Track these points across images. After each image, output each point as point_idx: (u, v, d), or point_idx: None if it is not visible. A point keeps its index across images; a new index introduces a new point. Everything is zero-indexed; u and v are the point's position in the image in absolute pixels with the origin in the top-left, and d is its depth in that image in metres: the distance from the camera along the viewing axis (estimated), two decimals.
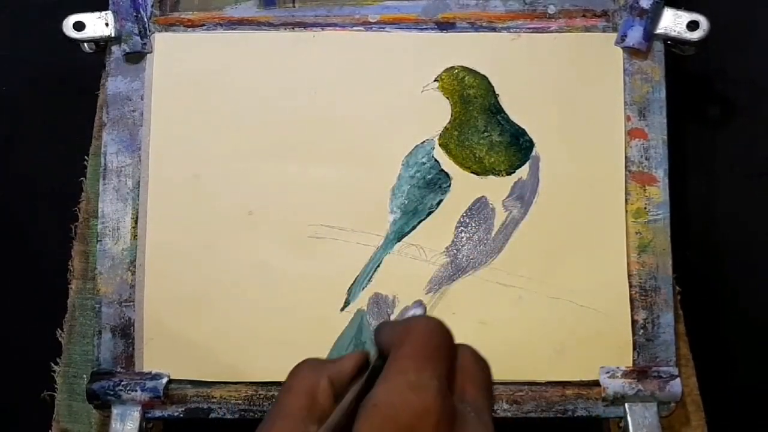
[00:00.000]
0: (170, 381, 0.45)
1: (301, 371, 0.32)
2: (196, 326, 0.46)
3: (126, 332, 0.46)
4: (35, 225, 0.54)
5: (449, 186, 0.46)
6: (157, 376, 0.45)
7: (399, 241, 0.46)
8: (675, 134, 0.47)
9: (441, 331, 0.31)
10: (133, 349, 0.45)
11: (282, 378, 0.45)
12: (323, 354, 0.45)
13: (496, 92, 0.47)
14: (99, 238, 0.46)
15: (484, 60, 0.47)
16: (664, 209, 0.46)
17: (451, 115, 0.47)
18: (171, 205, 0.46)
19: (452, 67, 0.47)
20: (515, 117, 0.47)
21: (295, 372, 0.33)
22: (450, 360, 0.31)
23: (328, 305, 0.46)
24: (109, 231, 0.46)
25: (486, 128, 0.47)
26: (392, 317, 0.45)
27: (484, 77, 0.47)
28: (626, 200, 0.46)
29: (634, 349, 0.45)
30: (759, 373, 0.51)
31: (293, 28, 0.48)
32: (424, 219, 0.46)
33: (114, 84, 0.47)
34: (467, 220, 0.46)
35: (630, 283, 0.45)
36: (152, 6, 0.48)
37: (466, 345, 0.33)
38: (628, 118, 0.46)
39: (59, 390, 0.48)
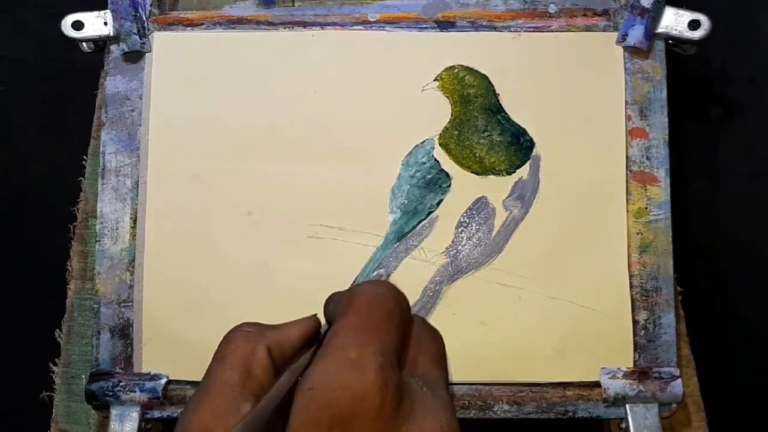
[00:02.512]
0: (169, 381, 0.45)
1: (235, 339, 0.29)
2: (196, 327, 0.45)
3: (125, 333, 0.45)
4: (34, 225, 0.53)
5: (449, 186, 0.46)
6: (156, 377, 0.45)
7: (399, 241, 0.46)
8: (676, 134, 0.47)
9: (391, 297, 0.28)
10: (132, 349, 0.45)
11: None
12: None
13: (497, 91, 0.47)
14: (98, 238, 0.46)
15: (484, 59, 0.47)
16: (666, 209, 0.46)
17: (451, 115, 0.47)
18: (170, 205, 0.46)
19: (452, 67, 0.47)
20: (516, 116, 0.46)
21: (228, 339, 0.29)
22: (402, 330, 0.27)
23: None
24: (108, 231, 0.46)
25: (486, 128, 0.46)
26: None
27: (484, 76, 0.47)
28: (627, 200, 0.46)
29: (635, 349, 0.45)
30: (760, 373, 0.51)
31: (292, 27, 0.48)
32: (424, 219, 0.46)
33: (113, 83, 0.47)
34: (467, 220, 0.46)
35: (631, 283, 0.45)
36: (151, 5, 0.47)
37: (416, 315, 0.29)
38: (629, 118, 0.46)
39: (58, 390, 0.48)
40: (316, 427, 0.24)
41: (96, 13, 0.47)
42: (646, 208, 0.46)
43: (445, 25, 0.47)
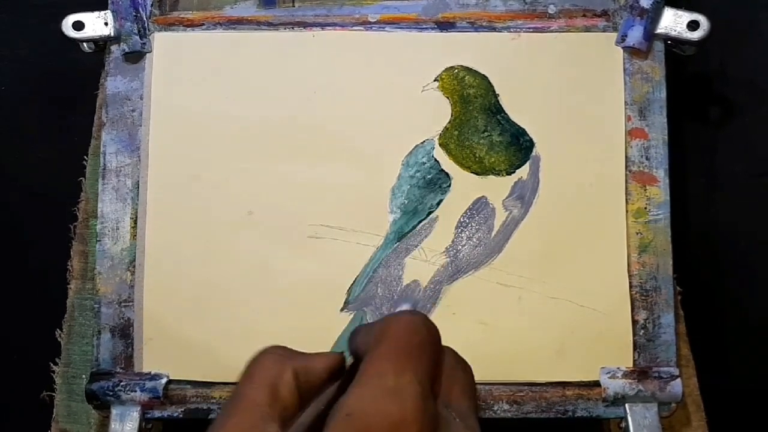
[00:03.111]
0: (169, 381, 0.45)
1: (265, 360, 0.29)
2: (196, 326, 0.45)
3: (125, 332, 0.45)
4: (34, 225, 0.53)
5: (449, 186, 0.46)
6: (156, 377, 0.45)
7: (399, 241, 0.46)
8: (675, 134, 0.47)
9: (424, 327, 0.28)
10: (133, 349, 0.45)
11: None
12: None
13: (496, 92, 0.47)
14: (98, 238, 0.46)
15: (484, 60, 0.47)
16: (665, 209, 0.46)
17: (451, 115, 0.47)
18: (170, 206, 0.46)
19: (452, 67, 0.47)
20: (515, 117, 0.46)
21: (257, 360, 0.29)
22: (435, 360, 0.28)
23: (328, 305, 0.45)
24: (109, 231, 0.46)
25: (486, 128, 0.46)
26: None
27: (484, 77, 0.47)
28: (627, 200, 0.46)
29: (635, 349, 0.45)
30: (760, 373, 0.51)
31: (293, 28, 0.48)
32: (424, 219, 0.46)
33: (113, 84, 0.47)
34: (467, 220, 0.46)
35: (630, 283, 0.45)
36: (151, 5, 0.47)
37: (447, 346, 0.29)
38: (628, 118, 0.46)
39: (58, 390, 0.48)
40: None
41: (96, 13, 0.47)
42: (646, 208, 0.46)
43: (445, 25, 0.47)
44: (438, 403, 0.27)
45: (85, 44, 0.48)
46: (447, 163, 0.46)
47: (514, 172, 0.46)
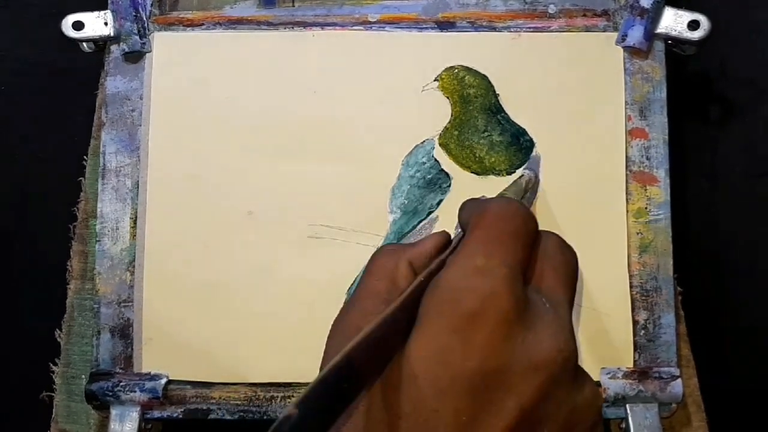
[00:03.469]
0: (169, 381, 0.45)
1: (381, 256, 0.32)
2: (196, 327, 0.45)
3: (125, 333, 0.45)
4: (34, 225, 0.53)
5: (449, 186, 0.46)
6: (156, 377, 0.45)
7: (399, 241, 0.46)
8: (676, 134, 0.47)
9: (519, 216, 0.29)
10: (132, 349, 0.45)
11: (281, 379, 0.45)
12: (321, 354, 0.45)
13: (497, 92, 0.47)
14: (98, 239, 0.46)
15: (484, 59, 0.47)
16: (665, 209, 0.46)
17: (451, 115, 0.47)
18: (170, 205, 0.46)
19: (452, 67, 0.47)
20: (515, 117, 0.46)
21: (374, 257, 0.32)
22: (528, 248, 0.29)
23: (328, 305, 0.45)
24: (108, 231, 0.46)
25: (486, 128, 0.46)
26: None
27: (484, 77, 0.47)
28: (627, 200, 0.46)
29: (635, 349, 0.45)
30: (760, 373, 0.51)
31: (292, 28, 0.48)
32: (424, 219, 0.46)
33: (113, 83, 0.47)
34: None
35: (631, 283, 0.45)
36: (151, 5, 0.47)
37: (553, 233, 0.31)
38: (628, 118, 0.46)
39: (58, 390, 0.48)
40: (441, 320, 0.26)
41: (96, 13, 0.47)
42: (646, 208, 0.46)
43: (445, 25, 0.47)
44: (529, 288, 0.28)
45: (85, 44, 0.48)
46: (447, 163, 0.46)
47: (514, 172, 0.46)
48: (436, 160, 0.46)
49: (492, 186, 0.46)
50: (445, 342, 0.26)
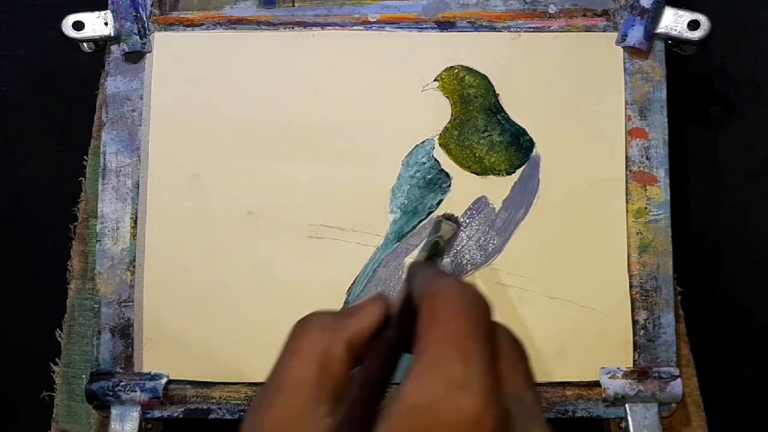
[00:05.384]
0: (170, 381, 0.45)
1: (311, 330, 0.26)
2: (196, 326, 0.45)
3: (125, 332, 0.45)
4: (34, 225, 0.53)
5: (449, 186, 0.46)
6: (156, 377, 0.45)
7: (399, 241, 0.46)
8: (675, 134, 0.47)
9: (480, 303, 0.25)
10: (133, 349, 0.45)
11: None
12: None
13: (497, 92, 0.47)
14: (98, 238, 0.46)
15: (484, 59, 0.47)
16: (665, 209, 0.46)
17: (451, 115, 0.47)
18: (170, 205, 0.46)
19: (452, 67, 0.47)
20: (515, 116, 0.46)
21: (301, 331, 0.26)
22: (492, 342, 0.25)
23: (328, 305, 0.45)
24: (109, 231, 0.46)
25: (486, 128, 0.46)
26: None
27: (484, 77, 0.47)
28: (627, 200, 0.46)
29: (635, 349, 0.45)
30: (760, 373, 0.51)
31: (293, 28, 0.48)
32: (424, 219, 0.46)
33: (113, 84, 0.47)
34: (467, 221, 0.46)
35: (631, 283, 0.45)
36: (152, 5, 0.47)
37: (498, 322, 0.26)
38: (628, 118, 0.46)
39: (58, 390, 0.48)
40: None
41: (96, 13, 0.47)
42: (646, 208, 0.46)
43: (445, 25, 0.47)
44: (503, 395, 0.24)
45: (85, 44, 0.48)
46: (447, 163, 0.46)
47: (514, 172, 0.46)
48: (436, 160, 0.46)
49: (492, 186, 0.46)
50: None
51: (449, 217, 0.41)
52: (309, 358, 0.25)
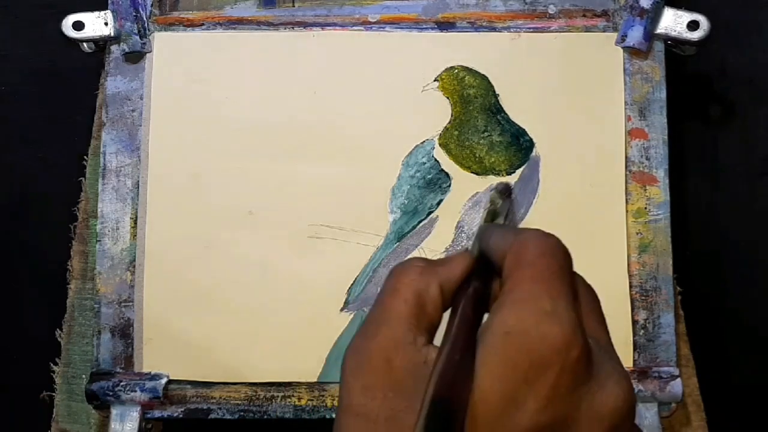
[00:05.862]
0: (170, 381, 0.45)
1: (410, 272, 0.28)
2: (196, 326, 0.45)
3: (125, 332, 0.45)
4: (35, 225, 0.53)
5: (449, 186, 0.46)
6: (156, 377, 0.45)
7: (399, 241, 0.46)
8: (675, 134, 0.47)
9: (562, 250, 0.28)
10: (133, 349, 0.45)
11: (281, 379, 0.45)
12: (321, 354, 0.45)
13: (496, 92, 0.47)
14: (98, 238, 0.46)
15: (484, 60, 0.47)
16: (665, 209, 0.46)
17: (451, 115, 0.47)
18: (170, 205, 0.46)
19: (452, 67, 0.47)
20: (515, 117, 0.46)
21: (402, 272, 0.28)
22: (574, 286, 0.27)
23: (328, 305, 0.45)
24: (109, 231, 0.46)
25: (486, 128, 0.46)
26: None
27: (484, 77, 0.47)
28: (627, 200, 0.46)
29: (635, 349, 0.45)
30: (759, 373, 0.51)
31: (293, 28, 0.48)
32: (424, 219, 0.46)
33: (113, 84, 0.47)
34: (467, 220, 0.46)
35: (630, 283, 0.45)
36: (152, 5, 0.47)
37: (576, 272, 0.29)
38: (628, 118, 0.46)
39: (58, 390, 0.48)
40: (514, 369, 0.24)
41: (96, 13, 0.47)
42: (646, 208, 0.46)
43: (445, 25, 0.47)
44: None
45: (85, 44, 0.48)
46: (447, 163, 0.46)
47: (514, 172, 0.46)
48: (436, 160, 0.46)
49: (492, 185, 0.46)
50: (516, 391, 0.24)
51: (499, 189, 0.41)
52: (409, 296, 0.27)
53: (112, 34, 0.47)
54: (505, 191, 0.35)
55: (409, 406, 0.25)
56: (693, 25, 0.46)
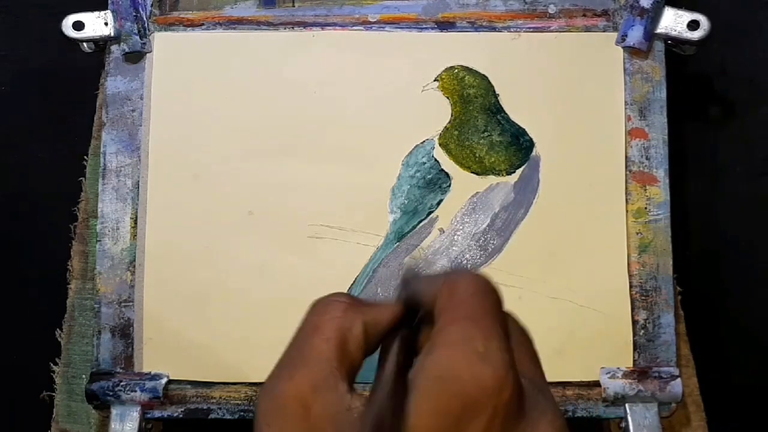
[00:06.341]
0: (170, 381, 0.45)
1: (333, 308, 0.27)
2: (196, 326, 0.45)
3: (125, 332, 0.45)
4: (35, 225, 0.53)
5: (449, 186, 0.46)
6: (156, 377, 0.45)
7: (399, 241, 0.46)
8: (675, 134, 0.47)
9: (493, 290, 0.27)
10: (133, 349, 0.45)
11: None
12: None
13: (496, 92, 0.47)
14: (98, 238, 0.46)
15: (484, 59, 0.47)
16: (665, 209, 0.46)
17: (451, 115, 0.47)
18: (171, 205, 0.46)
19: (452, 67, 0.47)
20: (515, 117, 0.46)
21: (324, 308, 0.27)
22: (506, 325, 0.27)
23: None
24: (109, 231, 0.46)
25: (486, 128, 0.46)
26: None
27: (484, 77, 0.47)
28: (627, 200, 0.46)
29: (635, 349, 0.45)
30: (759, 373, 0.51)
31: (293, 28, 0.48)
32: (424, 219, 0.46)
33: (113, 84, 0.47)
34: (467, 220, 0.46)
35: (630, 283, 0.45)
36: (152, 5, 0.47)
37: (507, 311, 0.28)
38: (628, 118, 0.46)
39: (58, 390, 0.48)
40: (445, 415, 0.24)
41: (96, 13, 0.47)
42: (646, 208, 0.46)
43: (445, 25, 0.47)
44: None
45: (85, 44, 0.48)
46: (447, 163, 0.46)
47: (514, 172, 0.46)
48: (436, 160, 0.46)
49: (492, 186, 0.46)
50: None
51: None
52: (331, 334, 0.26)
53: (112, 34, 0.47)
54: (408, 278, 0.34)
55: None
56: (693, 25, 0.46)
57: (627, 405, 0.44)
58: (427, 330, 0.27)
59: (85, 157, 0.51)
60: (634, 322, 0.45)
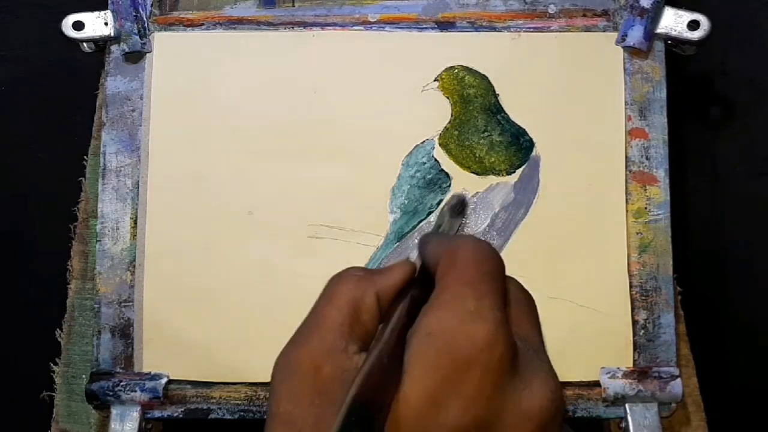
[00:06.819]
0: (170, 381, 0.45)
1: (346, 281, 0.29)
2: (196, 326, 0.45)
3: (125, 332, 0.45)
4: (35, 225, 0.53)
5: (449, 186, 0.46)
6: (156, 377, 0.45)
7: (399, 241, 0.46)
8: (675, 134, 0.47)
9: (493, 256, 0.28)
10: (133, 349, 0.45)
11: None
12: None
13: (496, 92, 0.47)
14: (98, 238, 0.46)
15: (484, 59, 0.47)
16: (665, 209, 0.46)
17: (451, 115, 0.47)
18: (170, 205, 0.46)
19: (452, 67, 0.47)
20: (515, 117, 0.46)
21: (338, 281, 0.29)
22: (504, 290, 0.27)
23: None
24: (109, 231, 0.46)
25: (486, 128, 0.46)
26: None
27: (484, 77, 0.47)
28: (627, 200, 0.46)
29: (635, 349, 0.45)
30: (760, 373, 0.51)
31: (293, 28, 0.48)
32: (424, 219, 0.46)
33: (113, 84, 0.47)
34: (467, 220, 0.46)
35: (630, 283, 0.45)
36: (152, 5, 0.47)
37: (510, 276, 0.29)
38: (628, 118, 0.46)
39: (58, 390, 0.48)
40: (435, 370, 0.25)
41: (96, 13, 0.47)
42: (646, 208, 0.46)
43: (445, 25, 0.47)
44: (512, 332, 0.27)
45: (85, 44, 0.48)
46: (447, 163, 0.46)
47: (514, 172, 0.46)
48: (436, 160, 0.46)
49: (492, 186, 0.46)
50: (438, 393, 0.24)
51: (452, 205, 0.42)
52: (343, 304, 0.28)
53: (112, 34, 0.47)
54: (456, 208, 0.36)
55: (335, 412, 0.25)
56: (693, 25, 0.46)
57: (627, 405, 0.44)
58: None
59: (85, 157, 0.51)
60: (634, 322, 0.45)
